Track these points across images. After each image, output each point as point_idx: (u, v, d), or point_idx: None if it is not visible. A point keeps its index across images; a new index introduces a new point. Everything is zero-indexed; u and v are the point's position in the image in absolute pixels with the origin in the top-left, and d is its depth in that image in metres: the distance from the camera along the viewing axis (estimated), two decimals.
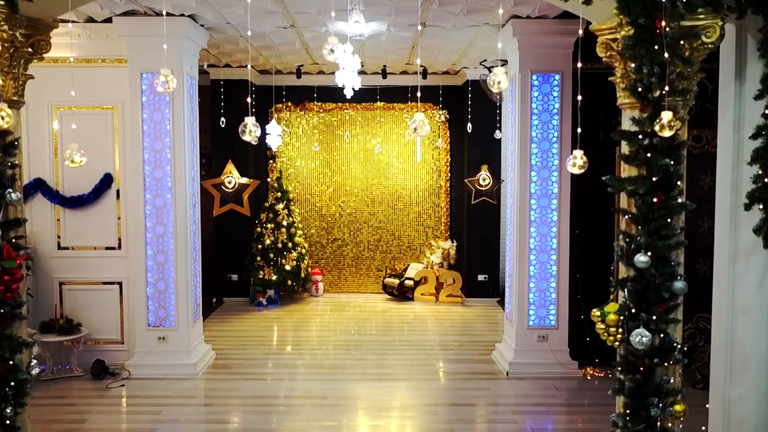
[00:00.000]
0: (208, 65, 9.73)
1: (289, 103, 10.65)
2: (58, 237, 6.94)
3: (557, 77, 6.66)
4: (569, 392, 6.36)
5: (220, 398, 6.21)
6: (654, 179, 2.96)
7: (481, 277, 10.33)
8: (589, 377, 6.70)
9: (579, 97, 3.63)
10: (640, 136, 3.01)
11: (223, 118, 7.10)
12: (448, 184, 10.82)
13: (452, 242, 10.58)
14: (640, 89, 2.98)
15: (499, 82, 2.74)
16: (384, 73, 9.56)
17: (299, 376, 6.85)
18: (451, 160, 10.81)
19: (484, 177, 10.15)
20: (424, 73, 9.64)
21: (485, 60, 9.04)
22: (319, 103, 10.64)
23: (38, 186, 6.85)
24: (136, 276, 6.74)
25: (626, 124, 3.32)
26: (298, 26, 7.03)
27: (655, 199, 2.95)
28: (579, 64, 3.74)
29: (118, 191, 6.93)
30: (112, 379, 6.58)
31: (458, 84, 10.57)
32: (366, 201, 10.85)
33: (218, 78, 9.86)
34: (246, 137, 3.32)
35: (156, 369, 6.64)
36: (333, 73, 10.31)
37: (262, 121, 8.48)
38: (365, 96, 10.48)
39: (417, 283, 10.40)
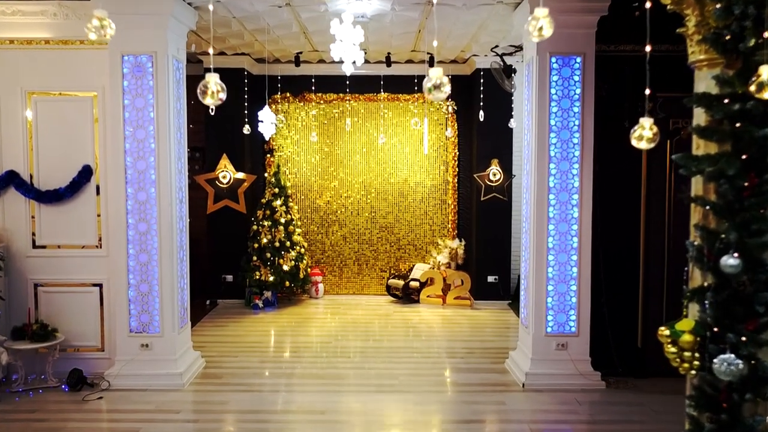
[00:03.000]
0: (202, 53, 9.15)
1: (288, 94, 10.05)
2: (33, 234, 6.37)
3: (578, 60, 6.05)
4: (592, 407, 5.76)
5: (208, 413, 5.63)
6: (744, 157, 2.31)
7: (490, 279, 9.74)
8: (613, 389, 6.09)
9: (648, 48, 2.89)
10: (726, 100, 2.35)
11: (212, 106, 6.50)
12: (456, 180, 10.21)
13: (460, 241, 9.98)
14: (727, 37, 2.33)
15: (541, 28, 2.14)
16: (388, 62, 8.97)
17: (296, 387, 6.26)
18: (459, 154, 10.20)
19: (494, 172, 9.55)
20: (431, 61, 9.03)
21: (497, 46, 8.44)
22: (320, 94, 10.05)
23: (11, 179, 6.28)
24: (117, 277, 6.17)
25: (702, 86, 2.67)
26: (293, 5, 6.44)
27: (746, 183, 2.30)
28: (649, 11, 2.83)
29: (98, 185, 6.35)
30: (90, 390, 6.01)
31: (467, 73, 9.96)
32: (369, 197, 10.26)
33: (212, 66, 9.27)
34: (208, 101, 2.73)
35: (138, 379, 6.07)
36: (335, 61, 9.78)
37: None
38: (368, 86, 9.93)
39: (423, 285, 9.81)
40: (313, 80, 9.50)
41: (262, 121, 5.57)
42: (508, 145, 9.65)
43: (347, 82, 9.28)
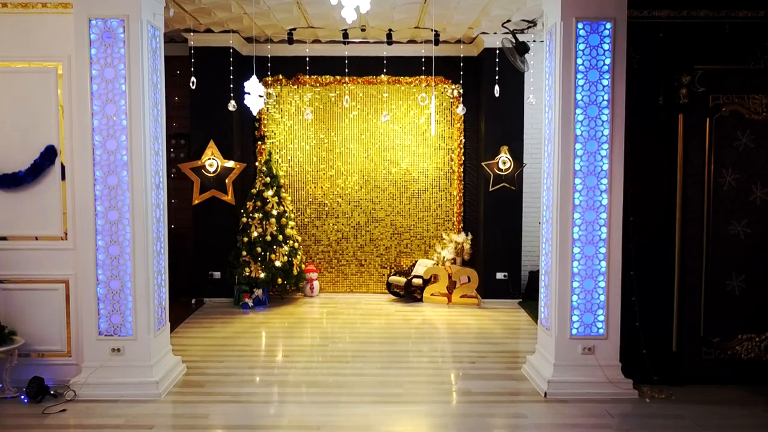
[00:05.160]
0: (186, 29, 8.41)
1: (280, 76, 9.33)
2: None
3: (608, 26, 5.33)
4: (625, 419, 5.04)
5: (186, 428, 4.89)
6: None
7: (499, 275, 9.03)
8: (648, 400, 5.38)
9: None
10: None
11: (193, 78, 5.77)
12: (462, 169, 9.50)
13: (466, 235, 9.27)
14: None
15: None
16: (389, 39, 8.24)
17: (288, 397, 5.53)
18: (465, 142, 9.49)
19: (504, 160, 8.84)
20: (436, 39, 8.31)
21: (508, 21, 7.73)
22: (314, 76, 9.32)
23: None
24: (85, 273, 5.42)
25: None
26: None
27: None
28: None
29: (63, 168, 5.61)
30: (53, 401, 5.27)
31: (473, 54, 9.25)
32: (368, 188, 9.53)
33: (198, 45, 8.55)
34: None
35: (108, 389, 5.34)
36: (331, 41, 9.04)
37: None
38: (367, 68, 9.25)
39: (426, 282, 9.09)
40: (307, 61, 8.77)
41: (248, 93, 4.83)
42: (519, 130, 8.94)
43: (346, 60, 8.59)
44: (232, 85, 7.70)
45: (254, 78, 5.34)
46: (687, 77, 5.56)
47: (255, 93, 4.95)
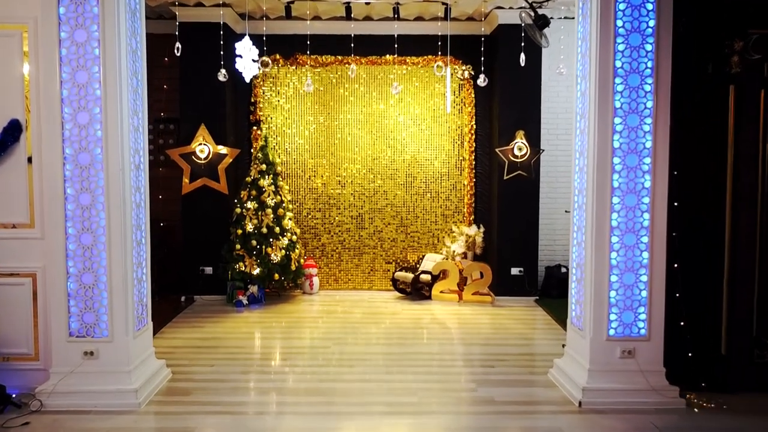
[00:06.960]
0: (173, 4, 7.72)
1: (277, 56, 8.64)
2: None
3: None
4: None
5: None
6: None
7: (515, 271, 8.36)
8: (696, 410, 4.72)
9: None
10: None
11: (178, 44, 5.09)
12: (473, 157, 8.82)
13: (478, 228, 8.60)
14: None
15: None
16: (396, 13, 7.59)
17: (286, 407, 4.84)
18: (477, 127, 8.81)
19: (519, 146, 8.16)
20: (447, 13, 7.65)
21: None
22: (315, 56, 8.63)
23: None
24: (54, 265, 4.74)
25: None
26: None
27: None
28: None
29: (30, 145, 4.91)
30: (16, 412, 4.58)
31: (486, 33, 8.58)
32: (372, 176, 8.85)
33: (187, 21, 7.85)
34: None
35: (79, 398, 4.66)
36: (332, 18, 8.37)
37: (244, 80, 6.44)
38: (371, 47, 8.59)
39: (435, 278, 8.42)
40: (307, 39, 8.09)
41: (240, 56, 4.17)
42: (536, 114, 8.26)
43: (352, 37, 7.91)
44: (223, 62, 7.01)
45: (247, 38, 4.66)
46: (739, 43, 4.89)
47: (248, 56, 4.28)
